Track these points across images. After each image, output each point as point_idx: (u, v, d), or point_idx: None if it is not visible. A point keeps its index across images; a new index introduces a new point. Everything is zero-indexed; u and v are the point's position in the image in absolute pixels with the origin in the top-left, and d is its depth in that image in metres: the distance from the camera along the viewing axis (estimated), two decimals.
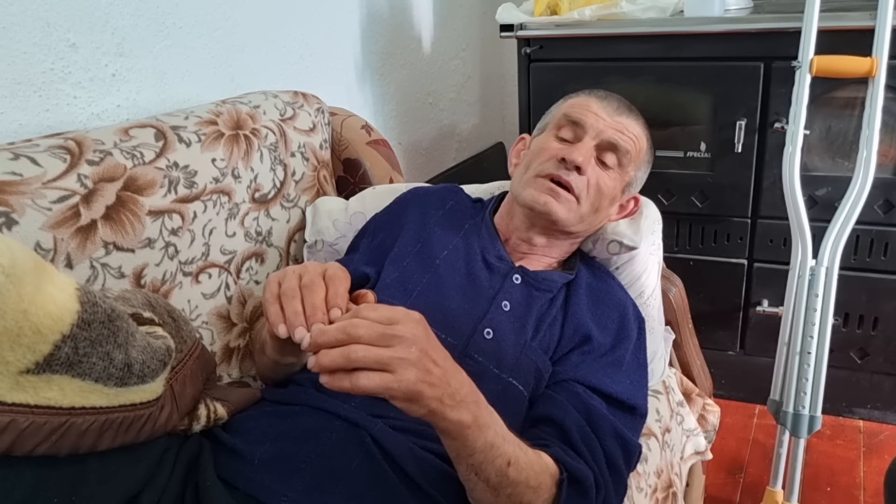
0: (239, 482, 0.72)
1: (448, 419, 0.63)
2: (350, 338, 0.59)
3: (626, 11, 1.54)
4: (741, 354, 1.79)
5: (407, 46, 1.88)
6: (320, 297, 0.68)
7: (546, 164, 0.96)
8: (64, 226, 0.81)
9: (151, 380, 0.66)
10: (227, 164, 1.03)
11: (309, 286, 0.69)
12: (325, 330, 0.61)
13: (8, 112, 0.92)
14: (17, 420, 0.55)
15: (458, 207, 1.07)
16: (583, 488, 0.75)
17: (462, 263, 0.95)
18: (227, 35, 1.25)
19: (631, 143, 0.98)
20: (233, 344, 1.03)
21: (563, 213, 0.94)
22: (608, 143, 0.96)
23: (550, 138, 0.99)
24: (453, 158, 2.19)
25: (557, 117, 1.01)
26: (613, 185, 0.98)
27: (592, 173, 0.95)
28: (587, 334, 0.91)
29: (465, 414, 0.64)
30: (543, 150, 0.98)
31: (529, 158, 1.00)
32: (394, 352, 0.59)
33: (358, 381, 0.58)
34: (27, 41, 0.93)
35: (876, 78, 1.29)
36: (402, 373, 0.59)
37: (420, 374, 0.60)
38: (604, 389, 0.86)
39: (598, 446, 0.79)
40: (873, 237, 1.56)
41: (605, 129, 0.96)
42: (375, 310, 0.62)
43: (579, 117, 0.97)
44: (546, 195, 0.94)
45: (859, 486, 1.56)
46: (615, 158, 0.97)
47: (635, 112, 1.01)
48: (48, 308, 0.55)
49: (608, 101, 0.99)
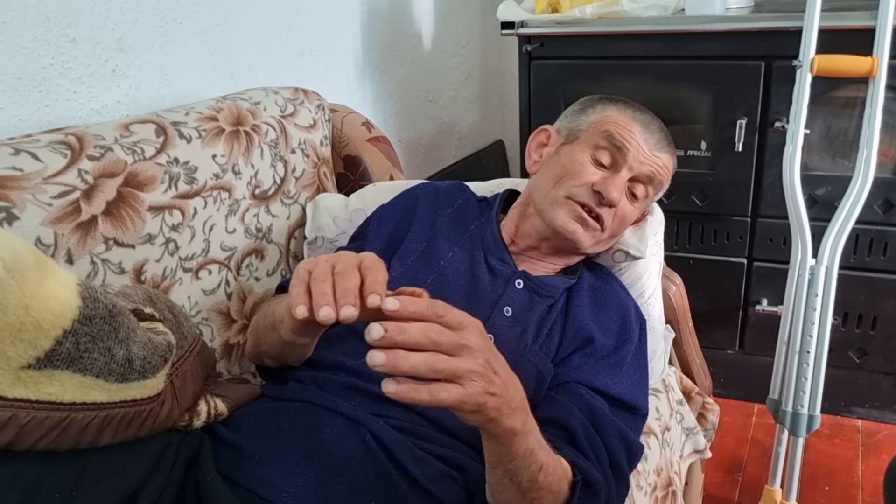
0: (239, 478, 0.72)
1: (502, 427, 0.62)
2: (431, 343, 0.56)
3: (628, 9, 1.54)
4: (740, 353, 1.79)
5: (407, 43, 1.88)
6: (354, 283, 0.61)
7: (580, 190, 0.94)
8: (64, 221, 0.81)
9: (152, 376, 0.66)
10: (227, 160, 1.03)
11: (342, 273, 0.62)
12: (406, 329, 0.55)
13: (8, 107, 0.92)
14: (18, 415, 0.55)
15: (466, 207, 1.05)
16: (593, 490, 0.75)
17: (466, 266, 0.95)
18: (227, 31, 1.25)
19: (664, 177, 0.99)
20: (232, 340, 1.03)
21: (588, 242, 0.95)
22: (645, 177, 0.96)
23: (586, 158, 0.95)
24: (453, 156, 2.18)
25: (597, 133, 0.96)
26: (635, 214, 0.99)
27: (621, 205, 0.95)
28: (589, 336, 0.90)
29: (518, 421, 0.63)
30: (578, 172, 0.94)
31: (559, 172, 0.96)
32: (465, 363, 0.57)
33: (438, 394, 0.55)
34: (27, 36, 0.93)
35: (876, 78, 1.29)
36: (471, 385, 0.57)
37: (486, 385, 0.58)
38: (606, 391, 0.86)
39: (602, 447, 0.79)
40: (873, 237, 1.56)
41: (645, 163, 0.95)
42: (448, 311, 0.59)
43: (623, 143, 0.94)
44: (576, 223, 0.93)
45: (857, 485, 1.56)
46: (645, 191, 0.97)
47: (672, 145, 1.00)
48: (50, 303, 0.55)
49: (650, 132, 0.96)
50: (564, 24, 1.61)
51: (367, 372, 0.83)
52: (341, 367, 0.85)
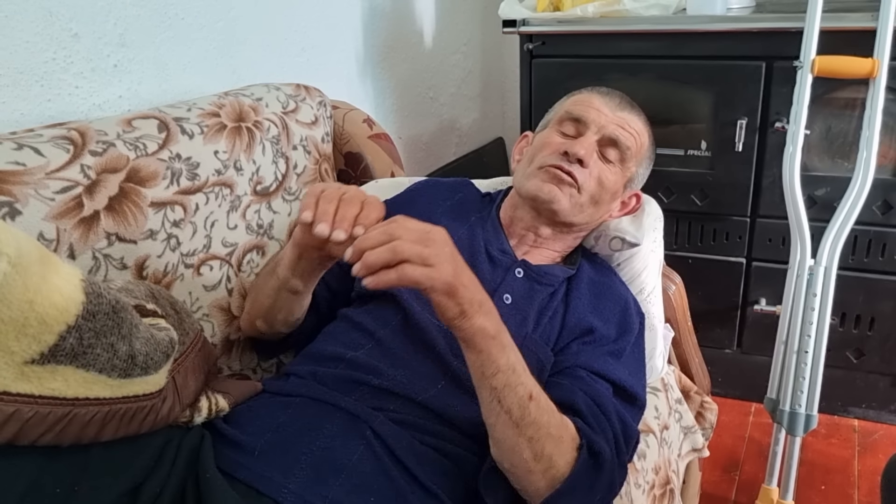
0: (239, 473, 0.72)
1: (475, 325, 0.68)
2: (391, 238, 0.65)
3: (629, 8, 1.54)
4: (738, 353, 1.79)
5: (408, 40, 1.88)
6: (353, 212, 0.72)
7: (549, 157, 0.96)
8: (67, 216, 0.81)
9: (154, 371, 0.66)
10: (229, 156, 1.03)
11: (348, 201, 0.74)
12: (368, 235, 0.66)
13: (9, 101, 0.92)
14: (21, 410, 0.55)
15: (467, 200, 1.08)
16: (599, 461, 0.75)
17: (466, 255, 0.95)
18: (228, 27, 1.25)
19: (632, 139, 0.98)
20: (233, 336, 1.03)
21: (566, 203, 0.95)
22: (610, 138, 0.97)
23: (553, 133, 1.00)
24: (453, 153, 2.18)
25: (560, 114, 1.02)
26: (615, 180, 0.98)
27: (594, 166, 0.96)
28: (589, 327, 0.91)
29: (490, 323, 0.69)
30: (546, 144, 0.99)
31: (532, 153, 1.01)
32: (432, 249, 0.66)
33: (404, 271, 0.64)
34: (29, 30, 0.93)
35: (877, 79, 1.29)
36: (442, 266, 0.65)
37: (456, 270, 0.67)
38: (607, 375, 0.86)
39: (607, 425, 0.80)
40: (871, 238, 1.56)
41: (607, 125, 0.97)
42: (409, 220, 0.69)
43: (581, 113, 0.98)
44: (549, 184, 0.95)
45: (853, 484, 1.57)
46: (617, 154, 0.98)
47: (637, 108, 1.02)
48: (54, 299, 0.55)
49: (610, 97, 1.00)
50: (566, 23, 1.61)
51: (367, 364, 0.84)
52: (341, 359, 0.85)
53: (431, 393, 0.82)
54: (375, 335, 0.88)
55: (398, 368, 0.84)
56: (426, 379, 0.83)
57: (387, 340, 0.87)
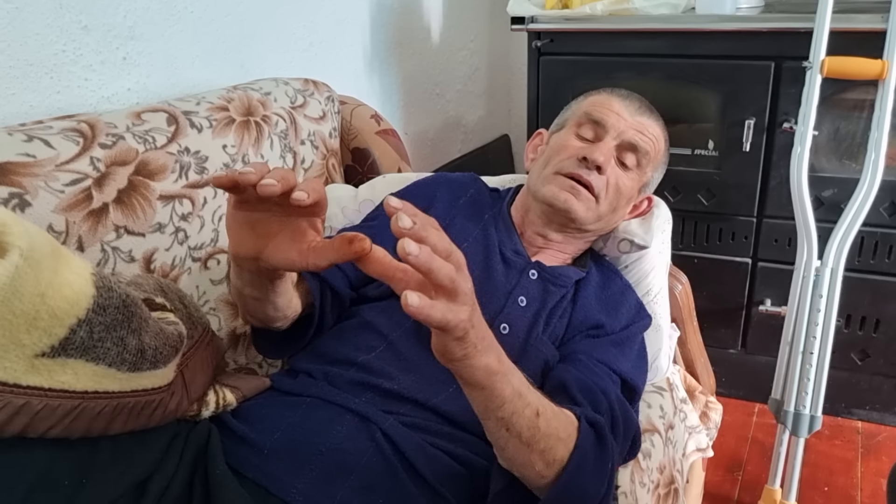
0: (248, 471, 0.72)
1: (477, 365, 0.60)
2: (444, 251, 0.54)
3: (638, 7, 1.53)
4: (742, 353, 1.79)
5: (416, 36, 1.88)
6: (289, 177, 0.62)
7: (566, 162, 0.95)
8: (76, 209, 0.81)
9: (163, 365, 0.66)
10: (237, 150, 1.03)
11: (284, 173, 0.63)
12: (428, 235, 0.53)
13: (19, 93, 0.92)
14: (31, 402, 0.55)
15: (479, 197, 1.06)
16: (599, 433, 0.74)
17: (481, 257, 0.95)
18: (237, 21, 1.24)
19: (651, 144, 0.98)
20: (240, 330, 1.03)
21: (583, 212, 0.94)
22: (629, 143, 0.96)
23: (571, 136, 0.98)
24: (458, 150, 2.18)
25: (578, 115, 1.00)
26: (631, 186, 0.98)
27: (612, 173, 0.95)
28: (596, 324, 0.91)
29: (493, 359, 0.61)
30: (564, 147, 0.97)
31: (549, 155, 0.99)
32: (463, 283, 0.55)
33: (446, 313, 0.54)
34: (39, 22, 0.93)
35: (886, 81, 1.29)
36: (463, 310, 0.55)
37: (471, 312, 0.57)
38: (608, 364, 0.86)
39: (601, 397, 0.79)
40: (878, 239, 1.56)
41: (627, 130, 0.96)
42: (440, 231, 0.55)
43: (601, 116, 0.97)
44: (566, 193, 0.94)
45: (857, 486, 1.57)
46: (635, 159, 0.97)
47: (655, 113, 1.01)
48: (65, 292, 0.55)
49: (630, 101, 0.99)
50: (574, 21, 1.61)
51: (379, 368, 0.83)
52: (352, 363, 0.85)
53: (442, 397, 0.81)
54: (388, 338, 0.87)
55: (409, 373, 0.83)
56: (437, 383, 0.82)
57: (399, 343, 0.86)
